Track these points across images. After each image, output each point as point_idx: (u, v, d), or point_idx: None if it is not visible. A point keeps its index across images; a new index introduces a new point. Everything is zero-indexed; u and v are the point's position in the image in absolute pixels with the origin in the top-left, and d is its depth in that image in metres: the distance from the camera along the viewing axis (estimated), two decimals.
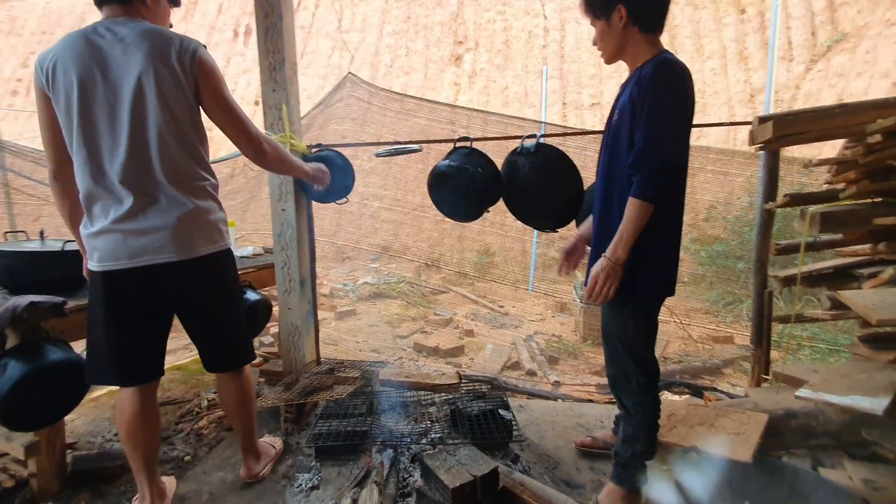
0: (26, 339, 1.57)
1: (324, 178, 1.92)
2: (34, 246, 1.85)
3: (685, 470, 1.64)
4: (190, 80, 1.41)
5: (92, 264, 1.45)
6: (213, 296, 1.57)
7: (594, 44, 1.54)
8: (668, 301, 1.58)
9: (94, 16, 1.40)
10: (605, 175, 1.53)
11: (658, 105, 1.34)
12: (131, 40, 1.35)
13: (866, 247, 2.00)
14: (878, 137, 1.70)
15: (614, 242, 1.40)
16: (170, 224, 1.42)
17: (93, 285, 1.48)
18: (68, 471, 1.80)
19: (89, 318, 1.51)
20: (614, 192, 1.48)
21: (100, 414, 2.41)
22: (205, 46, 1.47)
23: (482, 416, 2.04)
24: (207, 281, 1.54)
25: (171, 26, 1.56)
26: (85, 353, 1.55)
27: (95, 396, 2.60)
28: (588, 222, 1.80)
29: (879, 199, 1.90)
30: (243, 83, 11.34)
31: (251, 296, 2.35)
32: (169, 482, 1.78)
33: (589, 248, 1.72)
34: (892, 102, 1.84)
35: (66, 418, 1.79)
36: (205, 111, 1.50)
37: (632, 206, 1.37)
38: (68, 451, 1.87)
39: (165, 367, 1.63)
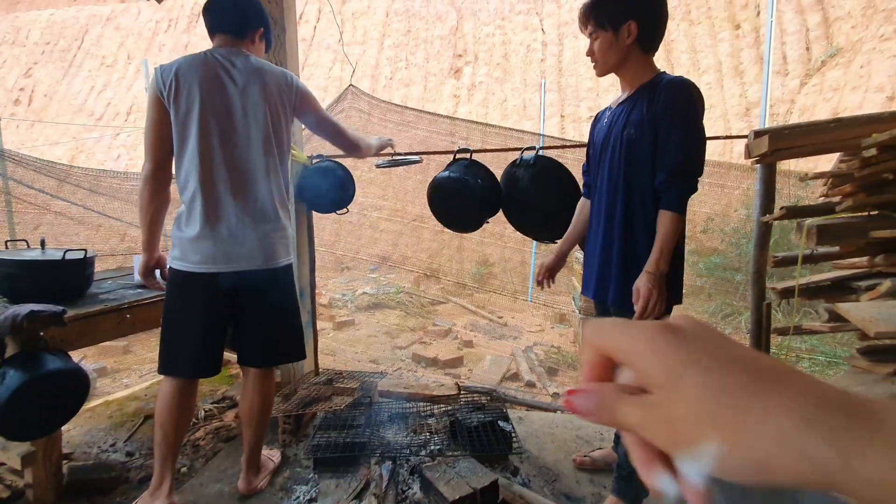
0: (25, 349, 1.57)
1: (388, 142, 2.15)
2: (35, 255, 1.85)
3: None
4: (291, 109, 1.68)
5: (183, 264, 1.59)
6: (285, 300, 1.74)
7: (589, 54, 1.53)
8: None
9: (97, 27, 1.44)
10: (625, 190, 1.50)
11: (690, 124, 1.40)
12: (247, 73, 1.58)
13: (864, 259, 2.01)
14: (873, 151, 1.72)
15: (656, 257, 1.40)
16: (261, 235, 1.61)
17: (181, 284, 1.62)
18: (64, 481, 1.78)
19: (171, 314, 1.65)
20: (635, 205, 1.48)
21: (96, 424, 2.39)
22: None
23: (481, 428, 2.03)
24: (281, 287, 1.70)
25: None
26: (159, 345, 1.66)
27: (91, 407, 2.58)
28: (568, 238, 1.81)
29: (875, 212, 1.92)
30: None
31: None
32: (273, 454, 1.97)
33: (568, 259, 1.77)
34: (887, 117, 1.86)
35: (63, 428, 1.78)
36: (309, 129, 1.83)
37: (671, 220, 1.40)
38: (64, 461, 1.86)
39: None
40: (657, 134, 1.41)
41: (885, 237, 1.75)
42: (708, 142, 1.53)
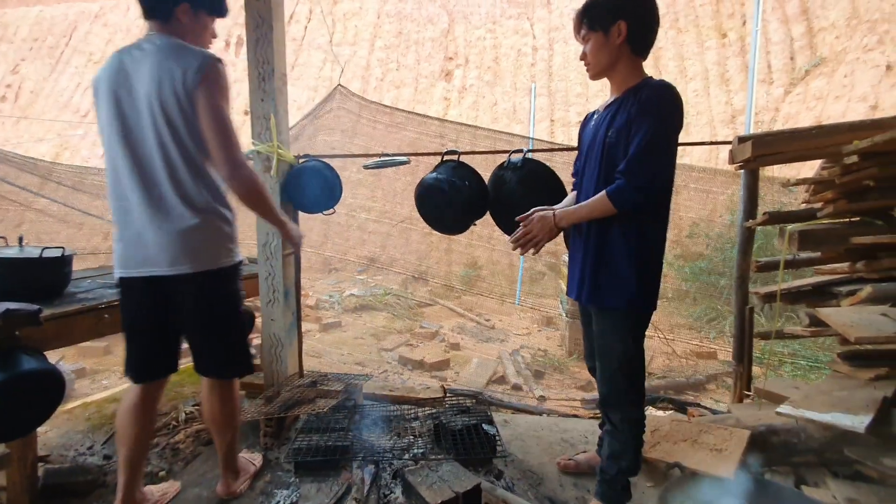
0: (1, 348, 1.53)
1: (299, 241, 1.80)
2: (12, 252, 1.80)
3: (668, 486, 1.63)
4: (193, 94, 1.40)
5: (115, 269, 1.55)
6: (216, 310, 1.58)
7: (582, 58, 1.55)
8: (653, 316, 1.59)
9: (86, 24, 1.42)
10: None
11: (661, 127, 1.39)
12: (150, 56, 1.41)
13: (844, 265, 2.04)
14: (854, 158, 1.75)
15: (567, 213, 1.51)
16: (171, 237, 1.46)
17: (118, 288, 1.59)
18: (39, 485, 1.74)
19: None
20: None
21: (73, 426, 2.34)
22: (220, 60, 1.46)
23: (466, 431, 2.02)
24: (209, 294, 1.55)
25: (214, 36, 1.63)
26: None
27: (69, 408, 2.53)
28: (567, 201, 1.76)
29: (856, 219, 1.95)
30: (233, 93, 11.31)
31: None
32: (171, 485, 1.82)
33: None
34: (868, 124, 1.89)
35: (39, 430, 1.74)
36: (200, 119, 1.43)
37: (601, 202, 1.44)
38: (40, 464, 1.81)
39: None
40: (630, 133, 1.42)
41: (865, 243, 1.77)
42: (694, 148, 1.55)
